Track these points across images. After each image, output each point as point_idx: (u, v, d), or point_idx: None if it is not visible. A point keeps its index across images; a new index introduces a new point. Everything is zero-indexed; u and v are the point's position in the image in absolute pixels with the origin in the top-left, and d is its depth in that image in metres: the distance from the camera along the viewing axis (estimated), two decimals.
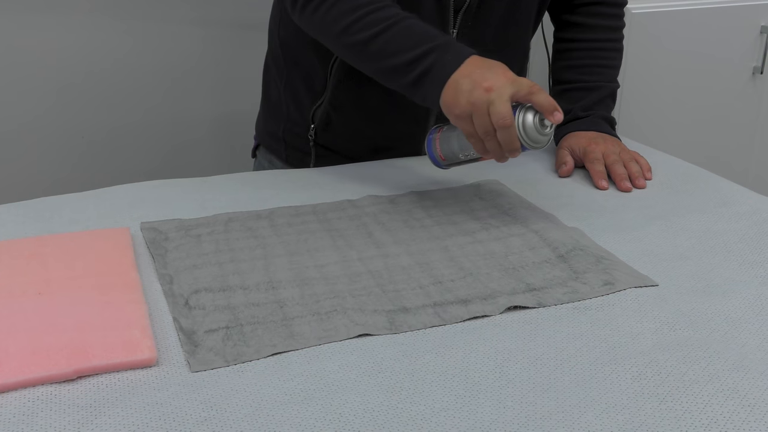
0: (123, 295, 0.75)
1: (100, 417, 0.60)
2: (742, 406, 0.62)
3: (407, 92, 0.97)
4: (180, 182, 1.07)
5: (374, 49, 0.96)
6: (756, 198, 1.03)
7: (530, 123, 0.87)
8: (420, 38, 0.94)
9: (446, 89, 0.90)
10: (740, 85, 2.17)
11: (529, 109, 0.88)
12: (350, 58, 1.02)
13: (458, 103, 0.89)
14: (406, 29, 0.95)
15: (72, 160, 1.90)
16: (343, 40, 0.98)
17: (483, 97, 0.87)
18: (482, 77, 0.88)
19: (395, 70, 0.95)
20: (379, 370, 0.66)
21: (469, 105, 0.88)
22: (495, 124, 0.86)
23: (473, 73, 0.89)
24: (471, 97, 0.87)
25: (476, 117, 0.88)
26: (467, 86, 0.88)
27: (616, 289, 0.79)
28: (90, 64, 1.83)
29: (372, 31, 0.96)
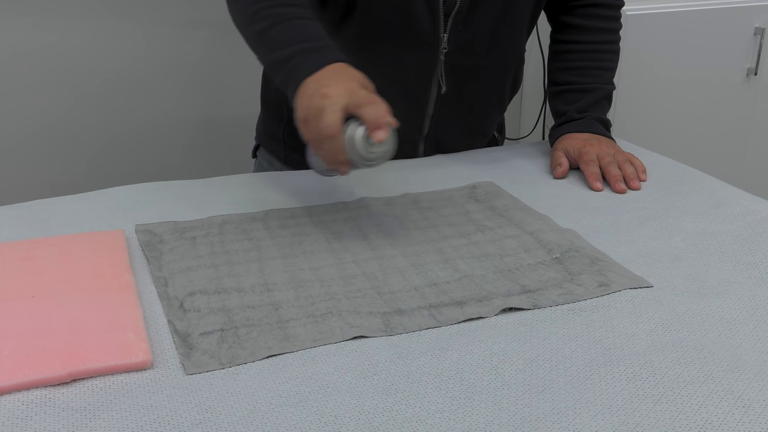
0: (118, 297, 0.75)
1: (94, 420, 0.60)
2: (736, 407, 0.62)
3: (283, 91, 0.95)
4: (175, 184, 1.07)
5: (264, 41, 0.97)
6: (750, 199, 1.03)
7: (359, 137, 0.82)
8: (298, 39, 0.93)
9: (298, 93, 0.88)
10: (734, 86, 2.18)
11: (362, 124, 0.83)
12: (253, 50, 1.01)
13: (299, 107, 0.87)
14: (293, 27, 0.95)
15: (67, 162, 1.90)
16: (247, 30, 1.00)
17: (317, 103, 0.84)
18: (326, 84, 0.85)
19: (273, 67, 0.96)
20: (374, 372, 0.66)
21: (306, 109, 0.85)
22: (320, 133, 0.83)
23: (321, 79, 0.87)
24: (310, 102, 0.85)
25: (310, 123, 0.85)
26: (310, 91, 0.86)
27: (611, 290, 0.79)
28: (87, 66, 1.83)
29: (265, 24, 0.96)
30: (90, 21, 1.80)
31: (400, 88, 1.15)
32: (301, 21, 0.96)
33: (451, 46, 1.12)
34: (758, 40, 2.13)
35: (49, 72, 1.81)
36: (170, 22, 1.85)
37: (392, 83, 1.15)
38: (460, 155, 1.21)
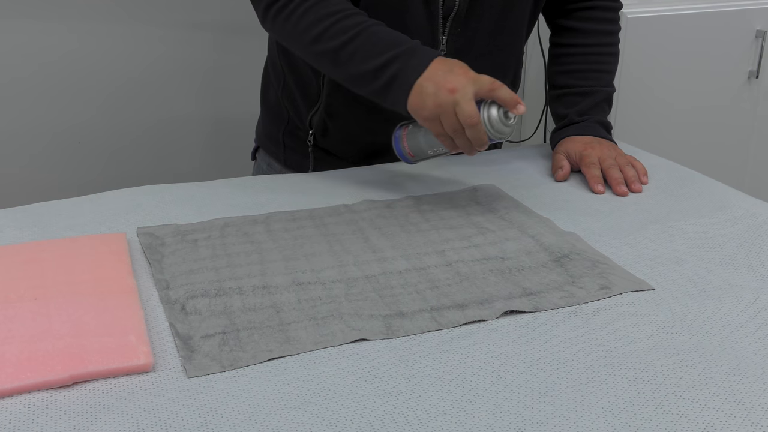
0: (119, 300, 0.75)
1: (96, 423, 0.60)
2: (738, 409, 0.62)
3: (377, 98, 1.00)
4: (176, 187, 1.07)
5: (343, 57, 0.99)
6: (752, 202, 1.03)
7: (495, 117, 0.92)
8: (386, 45, 0.97)
9: (412, 94, 0.94)
10: (736, 89, 2.18)
11: (493, 104, 0.92)
12: (322, 66, 1.05)
13: (425, 107, 0.93)
14: (373, 36, 0.99)
15: (68, 165, 1.90)
16: (314, 49, 1.01)
17: (448, 98, 0.91)
18: (444, 79, 0.92)
19: (364, 77, 0.99)
20: (375, 375, 0.66)
21: (436, 107, 0.92)
22: (463, 123, 0.91)
23: (436, 76, 0.93)
24: (437, 99, 0.92)
25: (444, 118, 0.92)
26: (431, 89, 0.92)
27: (613, 293, 0.79)
28: (87, 68, 1.83)
29: (341, 40, 0.99)
30: (92, 24, 1.80)
31: None
32: (377, 28, 1.00)
33: (449, 48, 1.12)
34: (759, 43, 2.12)
35: (52, 74, 1.81)
36: (171, 24, 1.85)
37: None
38: (461, 158, 1.21)
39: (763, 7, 2.11)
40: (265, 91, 1.31)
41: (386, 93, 0.97)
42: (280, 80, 1.24)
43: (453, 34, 1.11)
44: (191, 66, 1.90)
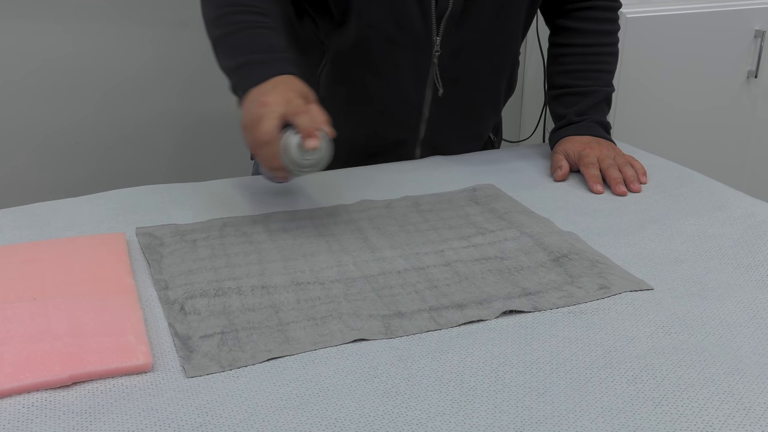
0: (118, 300, 0.75)
1: (95, 423, 0.60)
2: (737, 409, 0.62)
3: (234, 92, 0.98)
4: (175, 187, 1.07)
5: (218, 48, 1.00)
6: (750, 201, 1.03)
7: (293, 145, 0.86)
8: (251, 49, 0.96)
9: (244, 103, 0.92)
10: (734, 89, 2.18)
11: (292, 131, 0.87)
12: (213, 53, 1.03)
13: (242, 116, 0.91)
14: (246, 38, 0.98)
15: (67, 165, 1.90)
16: (209, 34, 1.02)
17: (256, 111, 0.88)
18: (265, 93, 0.89)
19: (226, 73, 0.98)
20: (374, 375, 0.66)
21: (247, 118, 0.89)
22: (257, 140, 0.87)
23: (263, 89, 0.90)
24: (249, 111, 0.89)
25: (249, 130, 0.89)
26: (252, 100, 0.90)
27: (612, 293, 0.79)
28: (87, 68, 1.83)
29: (223, 31, 0.99)
30: (86, 24, 1.80)
31: (395, 92, 1.15)
32: (259, 31, 0.98)
33: (443, 49, 1.12)
34: (758, 42, 2.13)
35: (51, 74, 1.81)
36: (169, 23, 1.85)
37: (388, 86, 1.15)
38: (460, 158, 1.21)
39: (762, 6, 2.11)
40: None
41: (235, 94, 0.97)
42: None
43: (447, 35, 1.11)
44: (190, 65, 1.89)
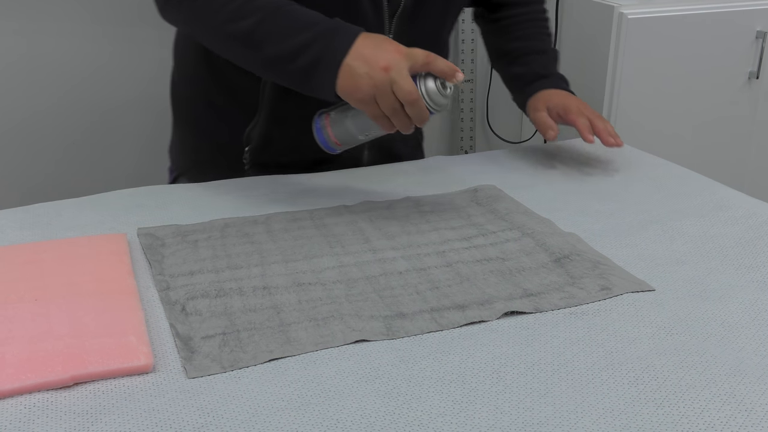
0: (120, 301, 0.75)
1: (96, 424, 0.60)
2: (738, 410, 0.62)
3: (296, 83, 0.92)
4: (177, 188, 1.07)
5: (257, 37, 0.91)
6: (752, 202, 1.03)
7: (433, 89, 0.88)
8: (305, 24, 0.90)
9: (341, 76, 0.88)
10: (736, 89, 2.18)
11: (428, 77, 0.89)
12: (234, 52, 0.96)
13: (359, 88, 0.87)
14: (290, 14, 0.91)
15: (68, 165, 1.90)
16: (225, 30, 0.93)
17: (383, 77, 0.85)
18: (375, 57, 0.86)
19: (280, 60, 0.90)
20: (376, 376, 0.66)
21: (371, 88, 0.86)
22: (403, 101, 0.86)
23: (364, 54, 0.87)
24: (371, 79, 0.86)
25: (381, 98, 0.86)
26: (363, 69, 0.86)
27: (613, 294, 0.79)
28: (86, 68, 1.84)
29: (255, 18, 0.91)
30: (89, 24, 1.81)
31: None
32: (293, 7, 0.93)
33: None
34: (759, 43, 2.12)
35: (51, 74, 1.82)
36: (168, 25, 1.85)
37: None
38: (461, 158, 1.21)
39: (763, 7, 2.11)
40: (177, 107, 1.22)
41: (308, 77, 0.90)
42: (199, 93, 1.16)
43: (399, 33, 1.10)
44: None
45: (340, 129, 0.96)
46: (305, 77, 0.90)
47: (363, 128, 0.95)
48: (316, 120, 0.97)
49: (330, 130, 0.96)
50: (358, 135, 0.96)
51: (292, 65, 0.90)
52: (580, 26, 2.19)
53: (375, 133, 0.95)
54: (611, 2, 2.05)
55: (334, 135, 0.96)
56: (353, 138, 0.96)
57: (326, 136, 0.97)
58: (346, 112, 0.94)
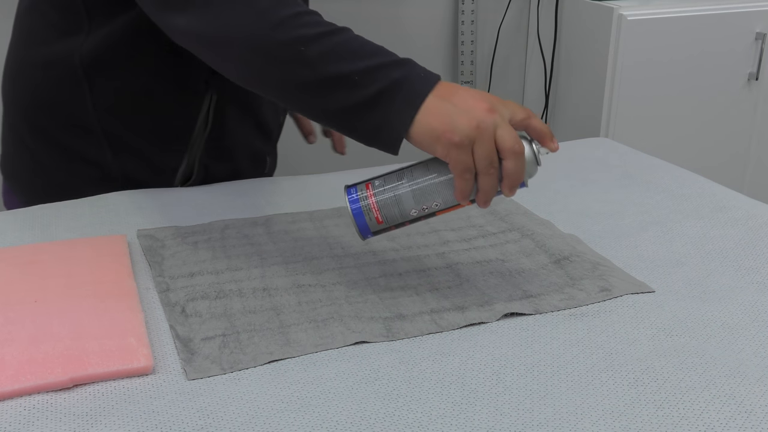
0: (119, 302, 0.75)
1: (96, 425, 0.60)
2: (738, 412, 0.62)
3: (352, 115, 0.74)
4: (176, 189, 1.07)
5: (316, 50, 0.74)
6: (752, 204, 1.03)
7: (528, 153, 0.73)
8: (377, 48, 0.75)
9: (426, 112, 0.71)
10: (736, 91, 2.18)
11: (522, 138, 0.74)
12: (272, 65, 0.76)
13: (456, 127, 0.70)
14: (358, 37, 0.76)
15: None
16: (275, 37, 0.75)
17: (488, 119, 0.70)
18: (473, 98, 0.72)
19: (343, 81, 0.73)
20: (375, 378, 0.66)
21: (474, 129, 0.70)
22: (506, 152, 0.70)
23: (457, 94, 0.72)
24: (474, 119, 0.70)
25: (481, 144, 0.70)
26: (462, 107, 0.71)
27: (613, 295, 0.79)
28: None
29: (318, 30, 0.75)
30: None
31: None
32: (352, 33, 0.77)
33: None
34: (759, 45, 2.13)
35: None
36: None
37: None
38: None
39: (763, 9, 2.11)
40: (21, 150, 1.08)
41: (374, 107, 0.72)
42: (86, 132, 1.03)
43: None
44: None
45: (391, 202, 0.74)
46: (370, 105, 0.72)
47: (426, 198, 0.74)
48: (352, 195, 0.75)
49: (376, 206, 0.74)
50: (412, 210, 0.75)
51: (357, 90, 0.73)
52: (580, 28, 2.20)
53: (436, 207, 0.75)
54: (611, 4, 2.05)
55: (381, 213, 0.75)
56: (403, 215, 0.75)
57: (368, 215, 0.75)
58: (401, 178, 0.74)
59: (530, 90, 2.49)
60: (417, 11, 2.37)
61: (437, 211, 0.75)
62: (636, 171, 1.15)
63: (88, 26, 0.99)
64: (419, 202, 0.74)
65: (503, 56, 2.47)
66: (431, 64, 2.44)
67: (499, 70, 2.48)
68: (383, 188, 0.74)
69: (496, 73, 2.48)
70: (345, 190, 0.76)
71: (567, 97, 2.25)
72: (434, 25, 2.40)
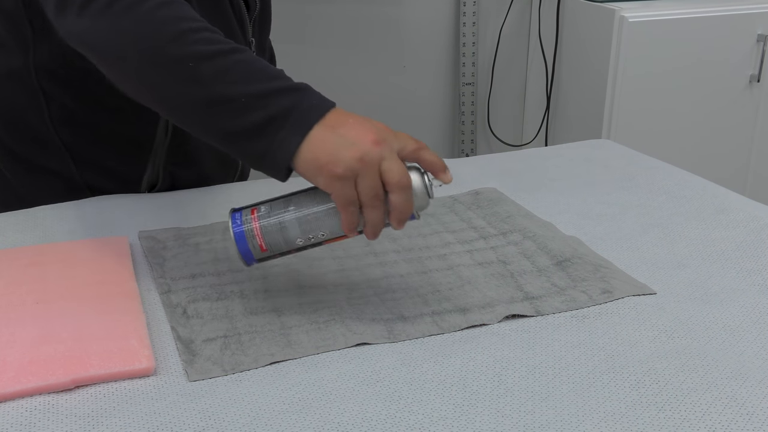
0: (121, 304, 0.75)
1: (98, 427, 0.60)
2: (740, 414, 0.62)
3: (237, 140, 0.71)
4: (176, 192, 1.07)
5: (209, 70, 0.71)
6: (753, 206, 1.03)
7: (420, 186, 0.71)
8: (273, 73, 0.73)
9: (311, 142, 0.69)
10: (737, 93, 2.18)
11: (412, 170, 0.71)
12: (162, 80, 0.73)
13: (339, 159, 0.67)
14: (254, 61, 0.73)
15: None
16: (169, 51, 0.72)
17: (374, 151, 0.68)
18: (362, 128, 0.69)
19: (233, 104, 0.70)
20: (377, 379, 0.66)
21: (357, 162, 0.67)
22: (392, 186, 0.68)
23: (345, 124, 0.69)
24: (358, 151, 0.68)
25: (364, 177, 0.68)
26: (347, 138, 0.68)
27: (614, 297, 0.79)
28: None
29: (213, 48, 0.72)
30: None
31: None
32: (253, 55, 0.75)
33: (257, 49, 1.10)
34: (761, 46, 2.13)
35: None
36: None
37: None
38: (462, 161, 1.21)
39: (764, 11, 2.11)
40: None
41: (260, 134, 0.70)
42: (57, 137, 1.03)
43: (255, 35, 1.08)
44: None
45: (275, 229, 0.72)
46: (257, 132, 0.70)
47: (311, 229, 0.72)
48: (236, 220, 0.73)
49: (260, 233, 0.72)
50: (298, 239, 0.72)
51: (247, 114, 0.70)
52: (581, 29, 2.20)
53: (322, 236, 0.73)
54: (612, 5, 2.05)
55: (264, 240, 0.72)
56: (288, 243, 0.73)
57: (252, 243, 0.72)
58: (287, 206, 0.72)
59: (531, 92, 2.49)
60: (418, 13, 2.37)
61: (324, 241, 0.73)
62: (637, 173, 1.15)
63: (33, 38, 0.98)
64: (305, 231, 0.72)
65: (505, 58, 2.47)
66: (433, 66, 2.44)
67: (500, 72, 2.48)
68: (269, 215, 0.72)
69: (497, 75, 2.48)
70: (230, 215, 0.74)
71: (568, 98, 2.25)
72: (436, 26, 2.40)
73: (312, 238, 0.73)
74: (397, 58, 2.40)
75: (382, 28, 2.35)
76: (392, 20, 2.35)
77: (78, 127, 1.03)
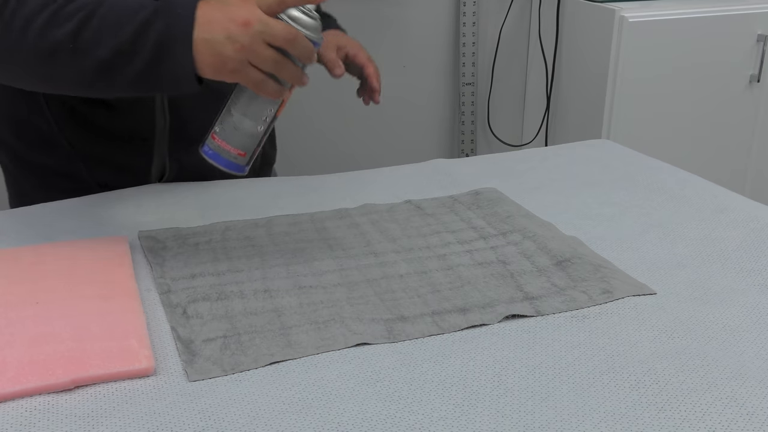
0: (121, 304, 0.75)
1: (97, 427, 0.60)
2: (740, 414, 0.62)
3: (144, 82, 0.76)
4: (178, 190, 1.07)
5: (85, 39, 0.75)
6: (753, 206, 1.03)
7: (299, 16, 0.76)
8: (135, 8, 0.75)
9: (199, 53, 0.74)
10: (737, 93, 2.18)
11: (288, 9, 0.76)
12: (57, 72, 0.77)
13: (226, 58, 0.73)
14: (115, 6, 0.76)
15: None
16: (43, 45, 0.75)
17: (248, 33, 0.73)
18: (229, 18, 0.73)
19: (120, 57, 0.75)
20: (377, 379, 0.66)
21: (240, 51, 0.73)
22: (283, 45, 0.74)
23: (215, 19, 0.74)
24: (236, 42, 0.73)
25: (256, 57, 0.74)
26: (222, 35, 0.73)
27: (614, 297, 0.79)
28: None
29: (77, 18, 0.75)
30: None
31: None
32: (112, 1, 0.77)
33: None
34: (761, 46, 2.13)
35: None
36: None
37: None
38: (462, 161, 1.21)
39: (765, 11, 2.11)
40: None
41: (159, 65, 0.75)
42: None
43: None
44: None
45: (235, 134, 0.80)
46: (153, 67, 0.75)
47: (257, 113, 0.79)
48: (205, 147, 0.81)
49: (226, 144, 0.80)
50: (258, 126, 0.80)
51: (135, 61, 0.75)
52: (581, 29, 2.20)
53: (272, 111, 0.80)
54: (612, 5, 2.05)
55: (233, 146, 0.80)
56: (254, 135, 0.80)
57: (227, 155, 0.80)
58: (230, 111, 0.80)
59: (531, 92, 2.49)
60: (418, 13, 2.37)
61: (276, 113, 0.81)
62: (637, 173, 1.15)
63: None
64: (256, 119, 0.79)
65: (505, 58, 2.47)
66: (433, 66, 2.44)
67: (500, 72, 2.48)
68: (223, 128, 0.80)
69: (497, 75, 2.48)
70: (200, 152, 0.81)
71: (568, 98, 2.25)
72: (436, 26, 2.40)
73: (266, 119, 0.80)
74: (397, 58, 2.40)
75: (382, 28, 2.35)
76: (392, 20, 2.35)
77: (80, 125, 1.03)
